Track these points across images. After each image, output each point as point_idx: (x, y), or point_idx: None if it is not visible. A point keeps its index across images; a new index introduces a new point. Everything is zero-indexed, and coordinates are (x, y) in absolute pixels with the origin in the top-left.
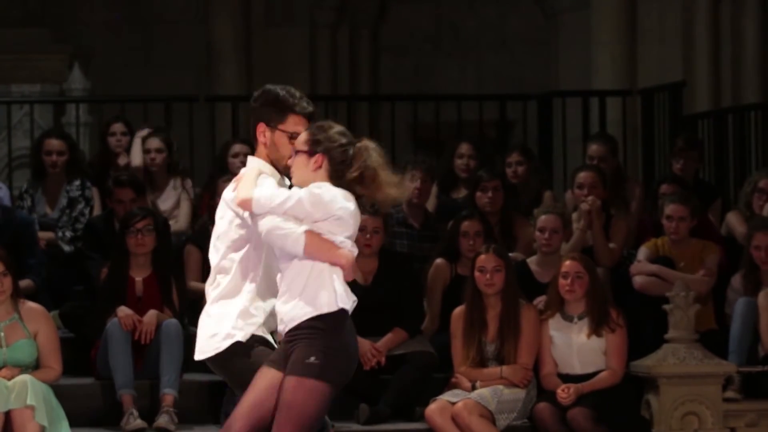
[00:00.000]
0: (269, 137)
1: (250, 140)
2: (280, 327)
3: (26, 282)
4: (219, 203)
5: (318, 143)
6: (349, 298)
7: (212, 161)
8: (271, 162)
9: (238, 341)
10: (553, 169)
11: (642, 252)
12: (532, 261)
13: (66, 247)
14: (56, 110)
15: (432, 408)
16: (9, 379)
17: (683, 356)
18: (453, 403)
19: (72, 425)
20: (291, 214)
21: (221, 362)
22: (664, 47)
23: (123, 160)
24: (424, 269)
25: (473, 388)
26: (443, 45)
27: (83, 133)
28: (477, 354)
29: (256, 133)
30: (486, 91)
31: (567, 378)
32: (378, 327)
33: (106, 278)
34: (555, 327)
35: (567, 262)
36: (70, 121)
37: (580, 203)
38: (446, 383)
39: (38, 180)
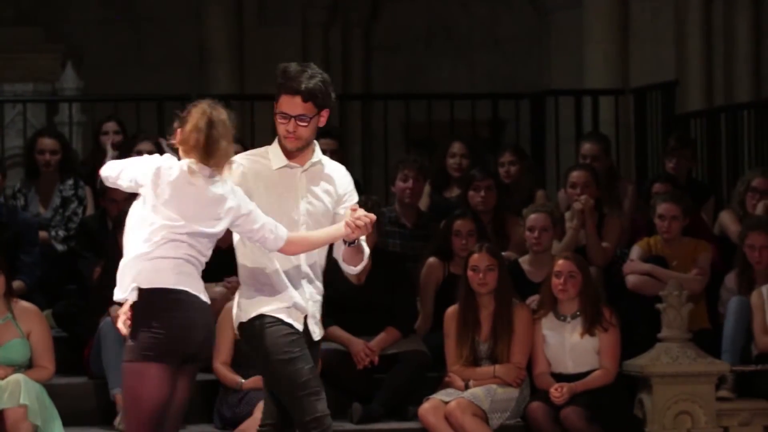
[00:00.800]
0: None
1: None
2: None
3: (17, 283)
4: None
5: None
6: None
7: None
8: (280, 143)
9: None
10: (546, 168)
11: (635, 251)
12: (524, 260)
13: (59, 247)
14: (49, 109)
15: (425, 407)
16: (2, 379)
17: (676, 355)
18: (446, 402)
19: (65, 424)
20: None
21: None
22: (657, 46)
23: None
24: (417, 268)
25: (466, 388)
26: (436, 44)
27: (76, 132)
28: (470, 353)
29: None
30: (478, 91)
31: (560, 377)
32: (371, 326)
33: (99, 277)
34: (548, 326)
35: (560, 262)
36: (63, 121)
37: (573, 202)
38: (439, 382)
39: (31, 179)
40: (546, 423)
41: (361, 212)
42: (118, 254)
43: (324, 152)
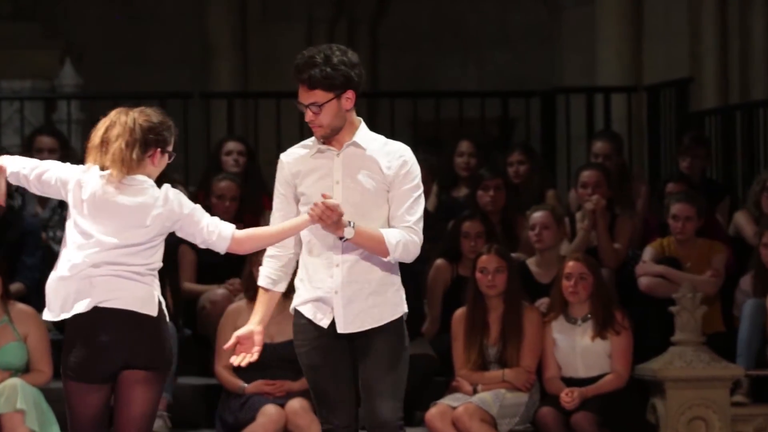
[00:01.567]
0: None
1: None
2: None
3: (17, 285)
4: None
5: None
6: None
7: (207, 159)
8: None
9: None
10: (557, 168)
11: (647, 252)
12: (531, 262)
13: (56, 248)
14: (47, 107)
15: (432, 412)
16: None
17: (690, 359)
18: (454, 408)
19: (63, 430)
20: None
21: None
22: (671, 42)
23: None
24: (424, 270)
25: (474, 392)
26: (444, 40)
27: (75, 131)
28: (478, 357)
29: None
30: (488, 88)
31: (571, 381)
32: None
33: None
34: (558, 329)
35: (570, 263)
36: (62, 118)
37: (584, 202)
38: (447, 387)
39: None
40: (556, 428)
41: (330, 202)
42: None
43: None
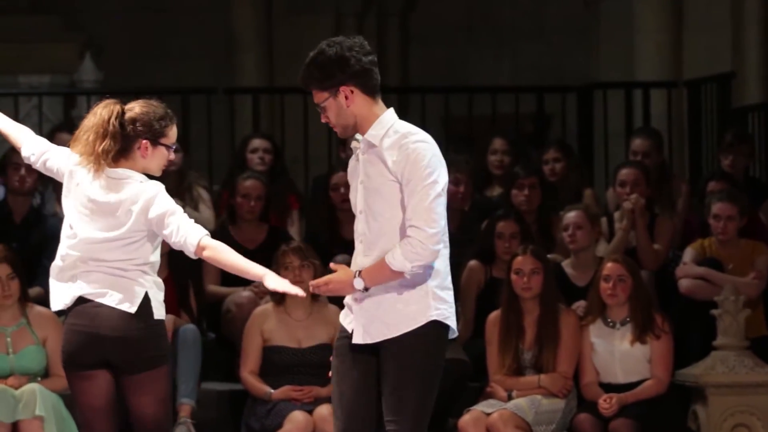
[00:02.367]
0: None
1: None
2: None
3: (36, 290)
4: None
5: None
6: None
7: (231, 157)
8: None
9: None
10: (594, 166)
11: (688, 253)
12: (567, 264)
13: None
14: (66, 103)
15: (465, 419)
16: (16, 388)
17: (733, 364)
18: (488, 414)
19: None
20: None
21: None
22: (712, 36)
23: None
24: (457, 273)
25: (509, 398)
26: (476, 34)
27: None
28: (513, 362)
29: None
30: (522, 83)
31: (609, 387)
32: None
33: None
34: (596, 333)
35: (609, 265)
36: (81, 115)
37: (623, 202)
38: (481, 393)
39: (48, 177)
40: None
41: (314, 282)
42: None
43: None
